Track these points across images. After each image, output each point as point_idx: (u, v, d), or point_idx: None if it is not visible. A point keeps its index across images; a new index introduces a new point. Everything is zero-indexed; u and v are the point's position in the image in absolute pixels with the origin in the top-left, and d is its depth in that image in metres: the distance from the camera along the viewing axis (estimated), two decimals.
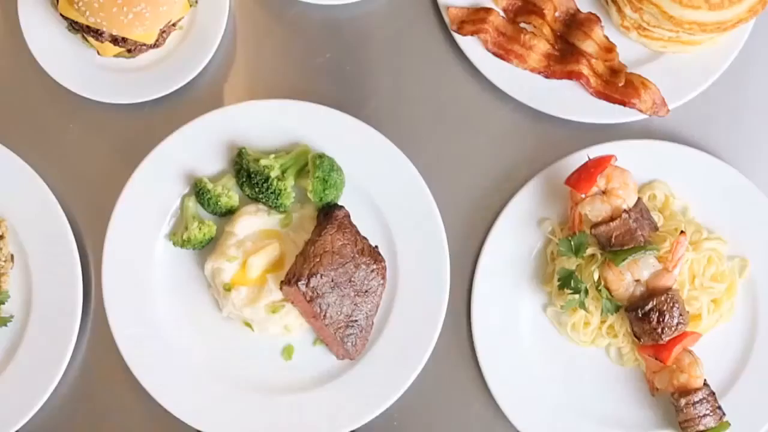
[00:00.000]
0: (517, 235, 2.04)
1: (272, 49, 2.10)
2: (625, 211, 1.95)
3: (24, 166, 2.02)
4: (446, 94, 2.09)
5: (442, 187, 2.05)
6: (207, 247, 2.03)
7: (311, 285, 1.92)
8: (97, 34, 1.96)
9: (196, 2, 2.05)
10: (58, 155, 2.07)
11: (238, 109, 2.03)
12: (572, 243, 1.96)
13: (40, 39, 2.04)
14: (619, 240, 1.94)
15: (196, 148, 2.03)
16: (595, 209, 1.95)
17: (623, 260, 1.93)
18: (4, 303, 2.01)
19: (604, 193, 1.96)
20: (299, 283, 1.92)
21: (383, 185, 2.03)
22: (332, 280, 1.94)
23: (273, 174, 1.97)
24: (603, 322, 2.01)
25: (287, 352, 2.03)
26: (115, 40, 1.97)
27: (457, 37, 2.06)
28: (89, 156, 2.07)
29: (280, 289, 1.97)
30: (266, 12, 2.10)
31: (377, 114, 2.07)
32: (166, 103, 2.06)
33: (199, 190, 2.00)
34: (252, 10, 2.10)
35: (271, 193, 1.97)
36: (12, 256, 2.03)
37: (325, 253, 1.95)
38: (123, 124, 2.08)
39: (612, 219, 1.95)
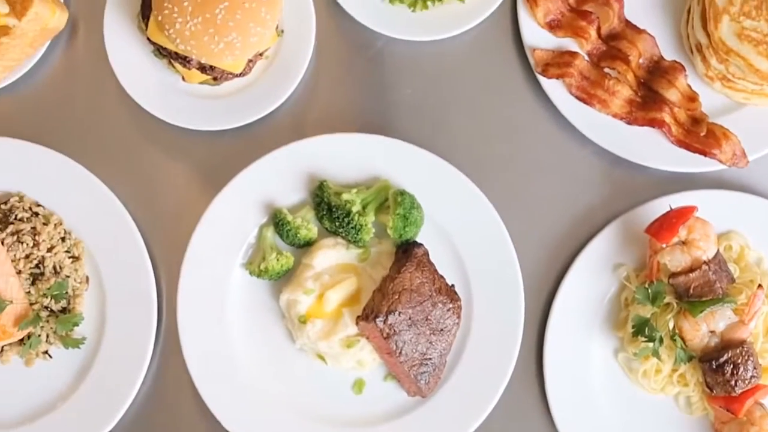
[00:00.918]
0: (591, 279, 2.05)
1: (354, 81, 2.10)
2: (704, 262, 1.95)
3: (103, 188, 2.02)
4: (526, 134, 2.10)
5: (518, 226, 2.05)
6: (282, 278, 2.03)
7: (389, 322, 1.92)
8: (185, 60, 1.96)
9: (282, 32, 2.05)
10: (137, 179, 2.07)
11: (319, 141, 2.03)
12: (649, 291, 1.96)
13: (125, 62, 2.04)
14: (697, 291, 1.95)
15: (275, 178, 2.03)
16: (674, 259, 1.96)
17: (701, 311, 1.93)
18: (78, 325, 2.01)
19: (684, 243, 1.96)
20: (377, 319, 1.92)
21: (461, 223, 2.03)
22: (409, 318, 1.94)
23: (354, 209, 1.97)
24: (674, 370, 2.01)
25: (358, 385, 2.03)
26: (202, 68, 1.97)
27: (541, 79, 2.06)
28: (168, 181, 2.07)
29: (356, 324, 1.97)
30: (350, 44, 2.10)
31: (456, 151, 2.08)
32: (246, 131, 2.06)
33: (278, 221, 2.00)
34: (335, 41, 2.10)
35: (352, 228, 1.97)
36: (87, 277, 2.03)
37: (403, 290, 1.95)
38: (203, 150, 2.08)
39: (691, 270, 1.95)
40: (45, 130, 2.07)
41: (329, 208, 1.99)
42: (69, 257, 2.02)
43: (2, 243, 1.98)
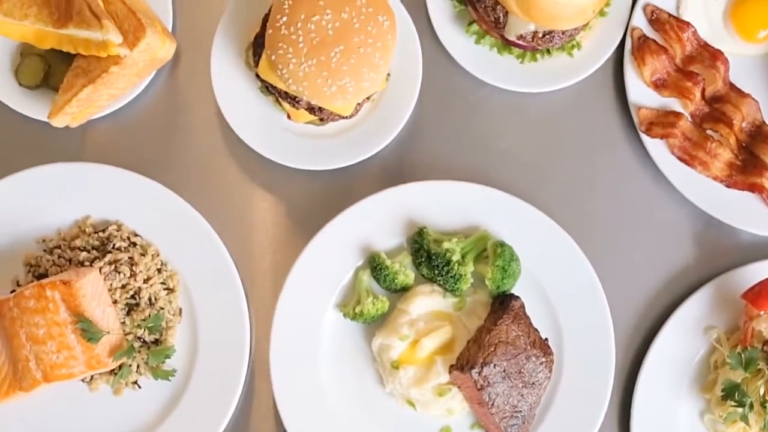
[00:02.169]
0: (682, 339, 2.05)
1: (456, 128, 2.10)
2: None
3: (201, 220, 2.01)
4: (624, 190, 2.10)
5: (611, 281, 2.06)
6: (375, 321, 2.03)
7: (483, 374, 1.93)
8: (293, 100, 1.96)
9: (389, 76, 2.05)
10: (235, 213, 2.07)
11: (420, 187, 2.03)
12: (743, 357, 1.97)
13: (230, 96, 2.03)
14: None
15: (374, 221, 2.03)
16: None
17: None
18: (170, 357, 2.00)
19: None
20: (472, 370, 1.92)
21: (555, 276, 2.04)
22: (504, 371, 1.95)
23: (454, 258, 1.97)
24: None
25: None
26: (310, 109, 1.97)
27: (643, 136, 2.06)
28: (266, 217, 2.07)
29: (449, 373, 1.97)
30: (454, 91, 2.10)
31: (554, 203, 2.08)
32: (346, 171, 2.06)
33: (376, 266, 2.00)
34: (440, 87, 2.10)
35: (451, 277, 1.97)
36: (180, 310, 2.03)
37: (499, 342, 1.95)
38: (302, 188, 2.08)
39: None
40: (145, 160, 2.07)
41: (428, 255, 1.99)
42: (164, 289, 2.01)
43: (100, 271, 1.98)
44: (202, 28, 2.08)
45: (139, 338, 2.00)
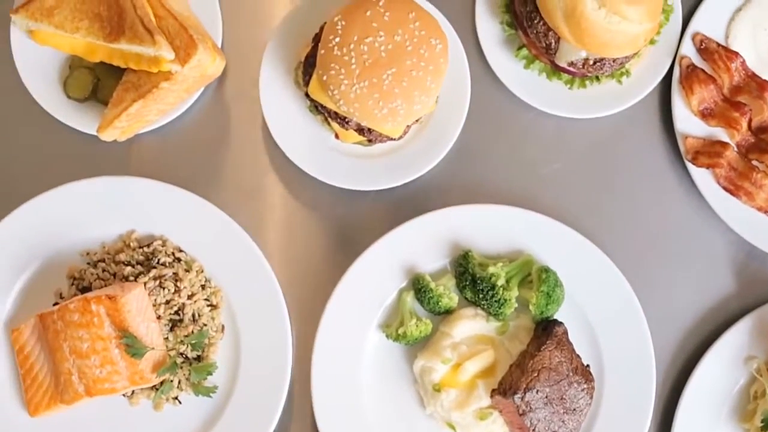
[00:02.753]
0: (723, 369, 2.06)
1: (502, 151, 2.10)
2: None
3: (245, 237, 2.01)
4: (667, 218, 2.11)
5: (653, 309, 2.06)
6: (417, 343, 2.03)
7: (526, 399, 1.93)
8: (343, 120, 1.96)
9: (437, 98, 2.05)
10: (279, 230, 2.07)
11: (464, 210, 2.03)
12: None
13: (278, 114, 2.03)
14: None
15: (418, 243, 2.03)
16: None
17: None
18: (212, 374, 2.00)
19: None
20: (515, 396, 1.93)
21: (598, 303, 2.04)
22: (546, 396, 1.95)
23: (499, 283, 1.97)
24: None
25: None
26: (360, 130, 1.97)
27: (688, 165, 2.06)
28: (310, 235, 2.08)
29: (491, 397, 1.98)
30: (501, 115, 2.10)
31: (597, 229, 2.09)
32: (390, 192, 2.06)
33: (420, 288, 2.00)
34: (487, 110, 2.10)
35: (495, 301, 1.98)
36: (223, 327, 2.03)
37: (543, 368, 1.95)
38: (347, 208, 2.08)
39: None
40: (191, 175, 2.07)
41: (473, 279, 1.99)
42: (208, 305, 2.01)
43: (144, 286, 1.97)
44: (251, 45, 2.08)
45: (181, 354, 2.00)
